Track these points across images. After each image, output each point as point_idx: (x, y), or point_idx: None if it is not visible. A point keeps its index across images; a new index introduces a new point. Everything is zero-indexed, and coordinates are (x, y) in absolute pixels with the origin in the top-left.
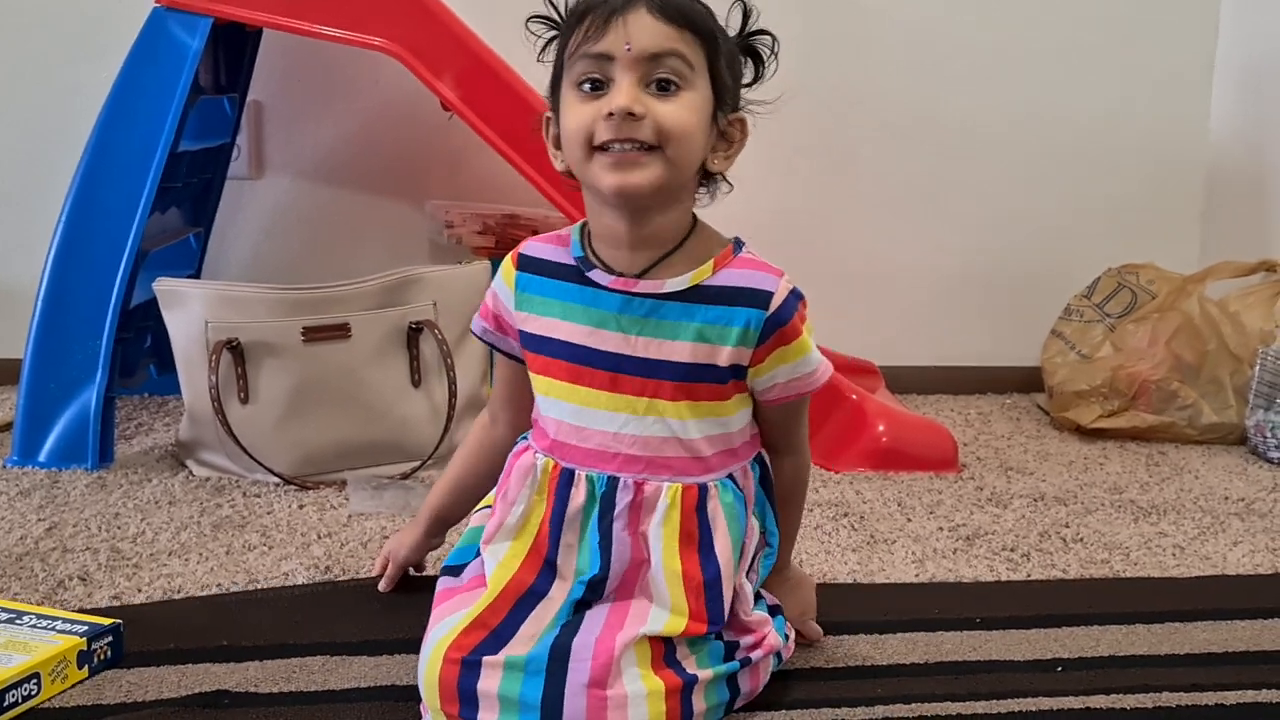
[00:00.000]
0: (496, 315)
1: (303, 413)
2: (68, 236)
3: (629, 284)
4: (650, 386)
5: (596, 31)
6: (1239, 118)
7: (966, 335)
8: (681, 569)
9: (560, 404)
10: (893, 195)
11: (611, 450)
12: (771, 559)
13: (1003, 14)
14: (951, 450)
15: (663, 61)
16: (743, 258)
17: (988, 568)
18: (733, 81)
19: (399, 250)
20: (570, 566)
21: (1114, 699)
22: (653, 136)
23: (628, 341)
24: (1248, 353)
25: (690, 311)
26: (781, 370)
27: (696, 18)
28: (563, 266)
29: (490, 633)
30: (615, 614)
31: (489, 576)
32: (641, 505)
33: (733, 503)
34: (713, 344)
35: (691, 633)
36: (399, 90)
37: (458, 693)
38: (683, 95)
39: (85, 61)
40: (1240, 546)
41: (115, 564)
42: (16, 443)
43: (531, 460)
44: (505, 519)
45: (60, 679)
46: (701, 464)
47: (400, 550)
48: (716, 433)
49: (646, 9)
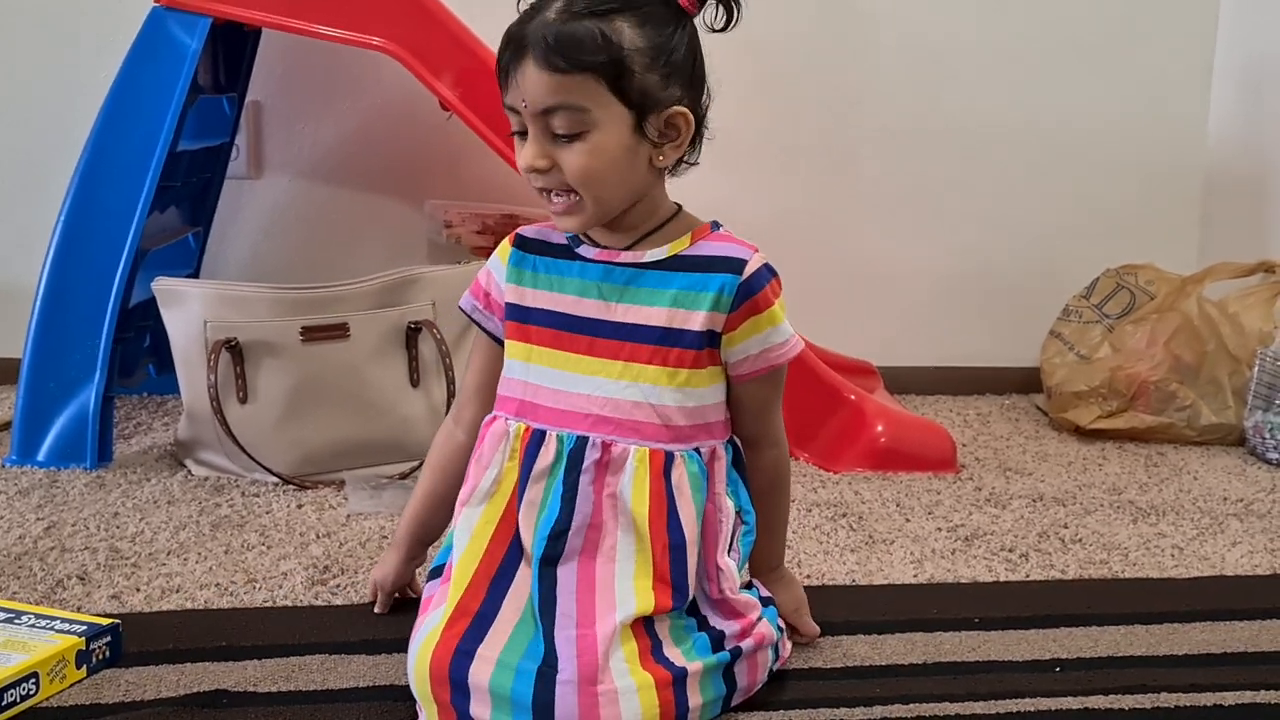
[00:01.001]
0: (487, 292)
1: (301, 412)
2: (67, 236)
3: (612, 255)
4: (626, 350)
5: (504, 85)
6: (1238, 119)
7: (965, 336)
8: (650, 528)
9: (539, 369)
10: (892, 196)
11: (583, 411)
12: (751, 537)
13: (1002, 16)
14: (950, 451)
15: (555, 114)
16: (719, 234)
17: (986, 568)
18: (664, 76)
19: (398, 250)
20: (530, 525)
21: (1112, 699)
22: (564, 184)
23: (608, 308)
24: (1246, 354)
25: (667, 279)
26: (754, 340)
27: (585, 55)
28: (556, 245)
29: (474, 617)
30: (584, 584)
31: (457, 557)
32: (609, 465)
33: (697, 474)
34: (688, 309)
35: (661, 606)
36: (398, 90)
37: (449, 678)
38: (583, 140)
39: (84, 61)
40: (1239, 547)
41: (114, 563)
42: (15, 442)
43: (504, 427)
44: (479, 483)
45: (59, 678)
46: (671, 431)
47: (387, 579)
48: (690, 404)
49: (533, 62)
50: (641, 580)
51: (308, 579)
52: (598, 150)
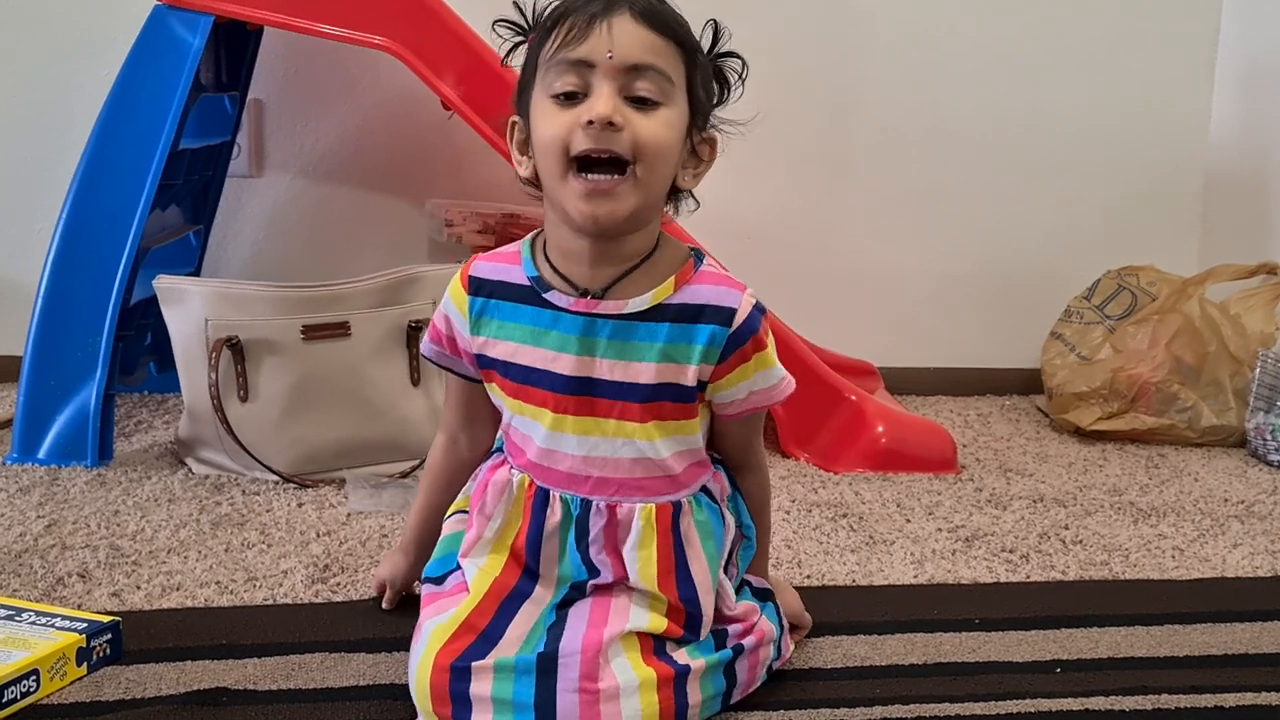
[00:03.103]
0: (450, 338)
1: (302, 411)
2: (68, 234)
3: (590, 305)
4: (617, 409)
5: (577, 35)
6: (1239, 120)
7: (966, 337)
8: (659, 587)
9: (533, 425)
10: (892, 197)
11: (582, 474)
12: (751, 550)
13: (1002, 18)
14: (951, 451)
15: (644, 74)
16: (704, 272)
17: (987, 569)
18: (706, 99)
19: (399, 249)
20: (553, 573)
21: (1112, 700)
22: (629, 150)
23: (593, 364)
24: (1248, 355)
25: (653, 331)
26: (743, 385)
27: (680, 29)
28: (517, 287)
29: (479, 635)
30: (598, 610)
31: (471, 581)
32: (617, 526)
33: (706, 520)
34: (678, 363)
35: (672, 632)
36: (399, 89)
37: (450, 695)
38: (661, 112)
39: (86, 59)
40: (1240, 549)
41: (114, 561)
42: (16, 440)
43: (508, 476)
44: (483, 533)
45: (59, 676)
46: (672, 482)
47: (398, 576)
48: (684, 449)
49: (630, 14)
50: (656, 615)
51: (308, 577)
52: (672, 125)
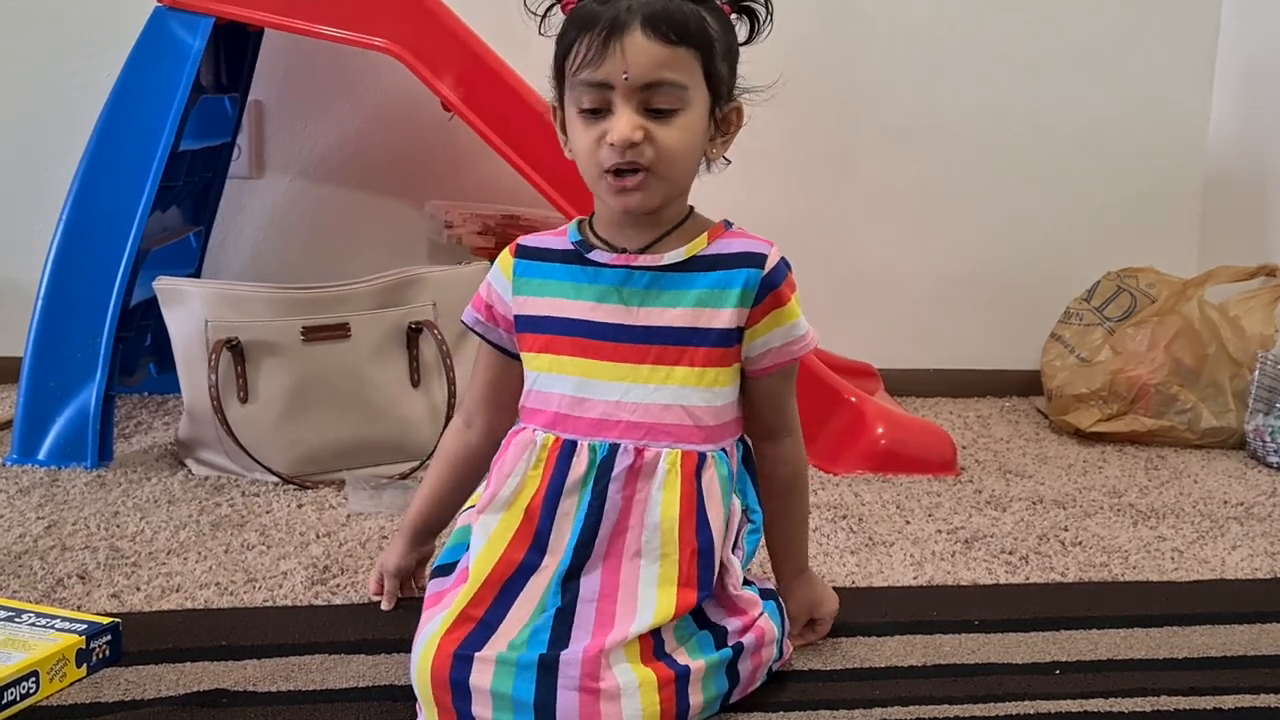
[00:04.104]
0: (490, 305)
1: (302, 412)
2: (68, 235)
3: (629, 259)
4: (653, 353)
5: (595, 57)
6: (1239, 121)
7: (965, 338)
8: (679, 533)
9: (563, 379)
10: (893, 198)
11: (614, 419)
12: (757, 536)
13: (1003, 18)
14: (950, 453)
15: (658, 89)
16: (735, 231)
17: (986, 570)
18: (729, 72)
19: (399, 250)
20: (563, 537)
21: (1112, 702)
22: (651, 161)
23: (630, 312)
24: (1247, 357)
25: (689, 280)
26: (776, 334)
27: (691, 28)
28: (561, 252)
29: (477, 624)
30: (605, 599)
31: (473, 560)
32: (640, 470)
33: (726, 476)
34: (713, 308)
35: (682, 607)
36: (400, 91)
37: (450, 682)
38: (679, 119)
39: (87, 60)
40: (1239, 550)
41: (114, 562)
42: (16, 441)
43: (531, 437)
44: (499, 490)
45: (59, 677)
46: (702, 432)
47: (390, 564)
48: (717, 404)
49: (641, 30)
50: (665, 587)
51: (307, 579)
52: (690, 128)
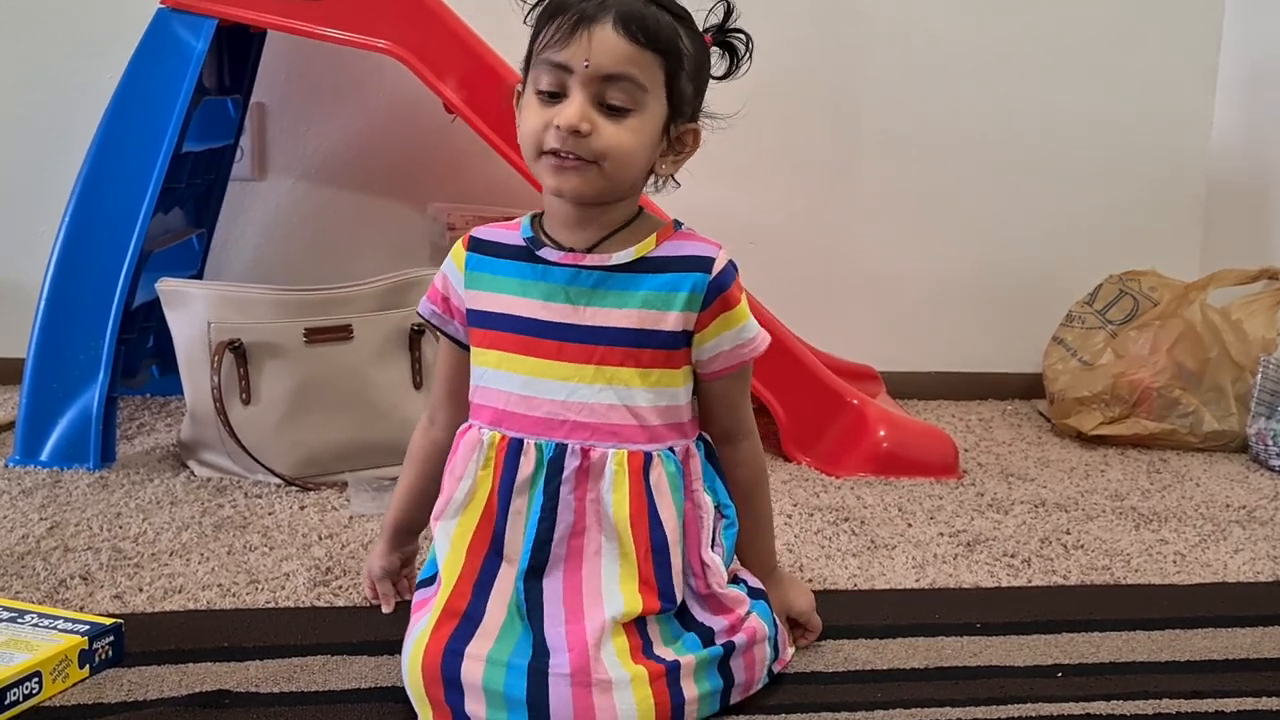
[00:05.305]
0: (445, 297)
1: (304, 414)
2: (71, 236)
3: (577, 258)
4: (599, 353)
5: (561, 39)
6: (1241, 124)
7: (968, 341)
8: (633, 532)
9: (510, 376)
10: (894, 200)
11: (559, 418)
12: (733, 530)
13: (1003, 20)
14: (952, 456)
15: (616, 84)
16: (682, 233)
17: (988, 573)
18: (694, 91)
19: (401, 252)
20: (518, 536)
21: (1114, 705)
22: (593, 155)
23: (576, 311)
24: (1249, 360)
25: (636, 281)
26: (725, 337)
27: (662, 36)
28: (513, 247)
29: (462, 616)
30: (570, 591)
31: (442, 564)
32: (589, 471)
33: (675, 473)
34: (660, 310)
35: (649, 608)
36: (402, 93)
37: (442, 677)
38: (630, 120)
39: (89, 62)
40: (1241, 554)
41: (117, 564)
42: (19, 442)
43: (478, 436)
44: (453, 494)
45: (61, 678)
46: (647, 432)
47: (374, 566)
48: (662, 404)
49: (613, 24)
50: (628, 584)
51: (310, 580)
52: (640, 131)
